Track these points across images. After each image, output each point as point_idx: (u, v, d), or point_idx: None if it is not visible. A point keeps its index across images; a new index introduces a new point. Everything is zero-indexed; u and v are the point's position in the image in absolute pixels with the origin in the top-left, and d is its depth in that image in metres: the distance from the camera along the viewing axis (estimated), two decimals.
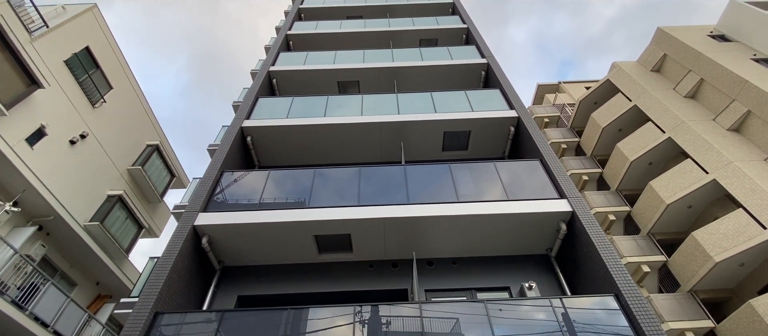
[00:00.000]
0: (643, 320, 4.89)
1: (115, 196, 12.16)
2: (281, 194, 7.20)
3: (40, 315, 9.22)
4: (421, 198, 6.75)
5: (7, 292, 8.58)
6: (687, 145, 15.74)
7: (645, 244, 15.52)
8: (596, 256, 5.70)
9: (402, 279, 6.90)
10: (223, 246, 6.71)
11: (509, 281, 6.65)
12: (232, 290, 6.76)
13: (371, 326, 5.27)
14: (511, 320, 5.39)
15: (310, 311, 5.46)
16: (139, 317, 5.07)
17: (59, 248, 10.86)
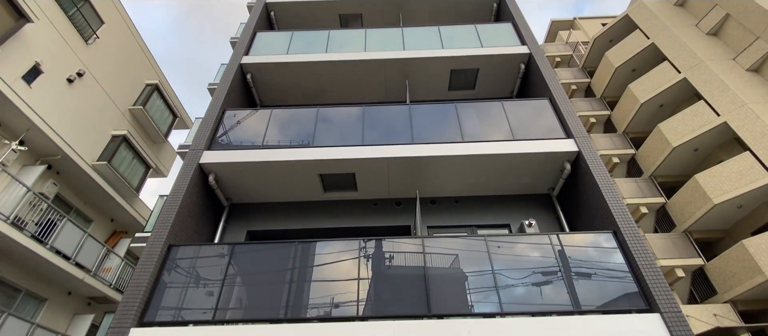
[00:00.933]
0: (639, 257, 5.05)
1: (119, 136, 12.18)
2: (285, 133, 7.14)
3: (61, 248, 9.72)
4: (425, 138, 6.68)
5: (25, 227, 8.95)
6: (702, 86, 15.21)
7: (646, 186, 15.66)
8: (598, 195, 5.74)
9: (405, 217, 7.08)
10: (230, 184, 6.81)
11: (509, 219, 6.80)
12: (242, 226, 7.00)
13: (375, 260, 5.50)
14: (510, 256, 5.58)
15: (317, 245, 5.67)
16: (154, 250, 5.29)
17: (71, 187, 11.13)
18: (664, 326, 4.54)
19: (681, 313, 4.64)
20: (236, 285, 5.47)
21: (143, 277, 5.01)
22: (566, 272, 5.16)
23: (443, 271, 5.47)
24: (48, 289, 10.20)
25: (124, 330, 4.61)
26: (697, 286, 13.87)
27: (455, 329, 4.58)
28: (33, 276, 9.75)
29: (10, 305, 9.19)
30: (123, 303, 4.82)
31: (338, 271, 5.51)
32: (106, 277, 11.26)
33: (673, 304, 4.69)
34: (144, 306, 4.92)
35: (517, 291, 5.15)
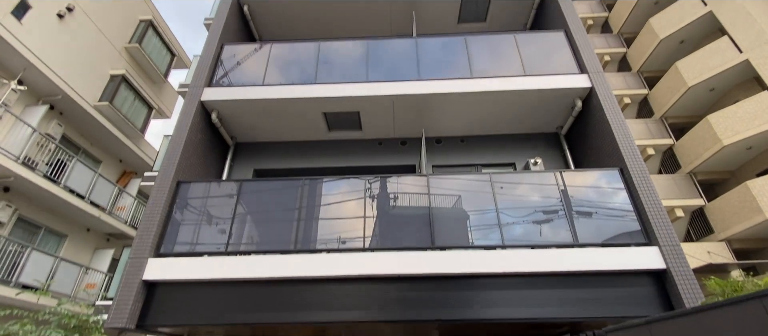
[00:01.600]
0: (644, 194, 5.07)
1: (117, 75, 11.91)
2: (286, 69, 6.90)
3: (74, 187, 9.98)
4: (432, 73, 6.43)
5: (37, 168, 9.11)
6: (727, 20, 14.27)
7: (655, 127, 15.39)
8: (608, 132, 5.63)
9: (410, 156, 7.06)
10: (234, 123, 6.75)
11: (515, 158, 6.77)
12: (248, 164, 7.06)
13: (381, 198, 5.59)
14: (513, 196, 5.61)
15: (324, 184, 5.74)
16: (163, 186, 5.38)
17: (76, 128, 11.15)
18: (662, 258, 4.67)
19: (679, 246, 4.75)
20: (247, 223, 5.64)
21: (155, 212, 5.15)
22: (568, 209, 5.22)
23: (447, 211, 5.57)
24: (67, 226, 10.66)
25: (142, 260, 4.85)
26: (695, 226, 14.19)
27: (457, 259, 4.77)
28: (51, 214, 10.14)
29: (32, 241, 9.67)
30: (139, 235, 5.02)
31: (345, 209, 5.62)
32: (121, 215, 11.69)
33: (673, 237, 4.79)
34: (159, 239, 5.12)
35: (518, 228, 5.27)
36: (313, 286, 4.77)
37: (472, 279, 4.74)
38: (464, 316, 4.54)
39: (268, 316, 4.62)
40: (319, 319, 4.60)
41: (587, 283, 4.67)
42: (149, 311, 4.72)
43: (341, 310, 4.64)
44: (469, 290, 4.69)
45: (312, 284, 4.78)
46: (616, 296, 4.54)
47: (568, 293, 4.62)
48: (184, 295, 4.80)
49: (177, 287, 4.85)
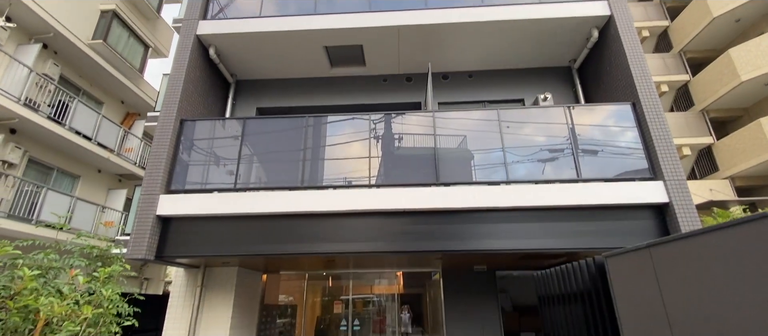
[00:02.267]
0: (655, 129, 4.96)
1: (108, 10, 11.34)
2: (284, 1, 6.49)
3: (80, 129, 10.01)
4: (440, 1, 6.02)
5: (39, 109, 9.06)
6: None
7: (672, 62, 14.71)
8: (624, 65, 5.38)
9: (416, 93, 6.88)
10: (233, 59, 6.52)
11: (524, 93, 6.58)
12: (250, 103, 6.94)
13: (386, 137, 5.54)
14: (520, 135, 5.52)
15: (328, 126, 5.67)
16: (166, 125, 5.36)
17: (73, 68, 10.88)
18: (665, 192, 4.70)
19: (684, 181, 4.76)
20: (254, 163, 5.71)
21: (161, 150, 5.19)
22: (574, 145, 5.16)
23: (452, 151, 5.54)
24: (79, 168, 10.88)
25: (154, 197, 4.98)
26: (700, 165, 14.15)
27: (461, 194, 4.84)
28: (61, 156, 10.30)
29: (46, 182, 9.93)
30: (148, 173, 5.10)
31: (350, 150, 5.62)
32: (129, 156, 11.85)
33: (679, 172, 4.78)
34: (168, 177, 5.21)
35: (523, 167, 5.27)
36: (321, 220, 4.93)
37: (475, 213, 4.85)
38: (466, 247, 4.71)
39: (278, 248, 4.83)
40: (328, 250, 4.80)
41: (588, 216, 4.76)
42: (166, 244, 4.95)
43: (349, 242, 4.83)
44: (471, 224, 4.82)
45: (320, 218, 4.93)
46: (615, 229, 4.65)
47: (569, 226, 4.73)
48: (198, 229, 4.99)
49: (190, 222, 5.03)
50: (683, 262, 1.69)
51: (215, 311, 5.82)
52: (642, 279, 2.00)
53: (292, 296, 8.21)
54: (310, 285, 8.00)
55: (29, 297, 2.24)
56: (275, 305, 7.70)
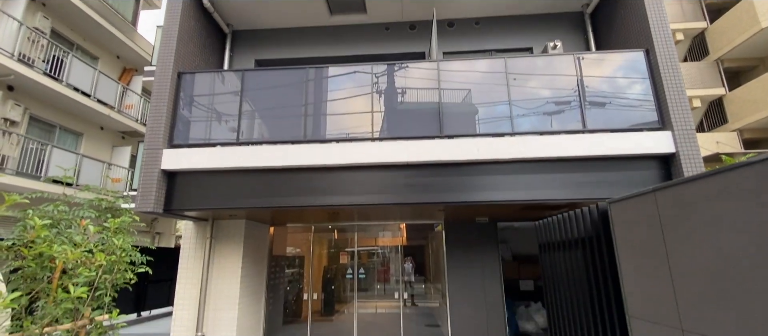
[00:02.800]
0: (668, 77, 4.79)
1: None
2: None
3: (78, 85, 9.85)
4: None
5: (34, 65, 8.86)
6: None
7: (690, 8, 13.96)
8: (640, 8, 5.09)
9: (420, 42, 6.62)
10: (227, 6, 6.22)
11: (533, 42, 6.31)
12: (248, 54, 6.73)
13: (388, 92, 5.41)
14: (528, 86, 5.35)
15: (328, 70, 5.51)
16: (164, 78, 5.23)
17: (64, 22, 10.50)
18: (672, 142, 4.64)
19: (693, 131, 4.67)
20: (256, 120, 5.65)
21: (161, 104, 5.11)
22: (582, 94, 5.02)
23: (456, 106, 5.42)
24: (81, 125, 10.85)
25: (157, 151, 4.98)
26: (709, 117, 13.89)
27: (465, 146, 4.80)
28: (62, 113, 10.23)
29: (50, 139, 9.96)
30: (149, 127, 5.07)
31: (352, 104, 5.51)
32: (130, 113, 11.77)
33: (688, 122, 4.68)
34: (170, 131, 5.19)
35: (529, 120, 5.17)
36: (325, 174, 4.95)
37: (478, 165, 4.84)
38: (469, 198, 4.75)
39: (283, 200, 4.90)
40: (332, 202, 4.87)
41: (592, 167, 4.74)
42: (173, 197, 5.03)
43: (352, 195, 4.88)
44: (475, 176, 4.83)
45: (324, 172, 4.95)
46: (619, 179, 4.64)
47: (572, 177, 4.73)
48: (204, 182, 5.04)
49: (196, 176, 5.08)
50: (689, 206, 1.67)
51: (226, 261, 6.05)
52: (644, 224, 2.00)
53: (299, 248, 8.49)
54: (317, 237, 8.23)
55: (43, 245, 2.30)
56: (283, 256, 7.99)
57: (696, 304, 1.66)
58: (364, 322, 7.25)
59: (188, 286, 5.92)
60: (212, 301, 5.90)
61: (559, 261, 3.05)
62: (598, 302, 2.43)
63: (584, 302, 2.63)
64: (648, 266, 1.97)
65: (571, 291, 2.83)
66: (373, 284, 8.56)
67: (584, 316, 2.63)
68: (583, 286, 2.63)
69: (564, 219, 2.89)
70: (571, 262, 2.83)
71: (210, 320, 5.83)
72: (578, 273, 2.72)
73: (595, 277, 2.47)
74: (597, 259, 2.46)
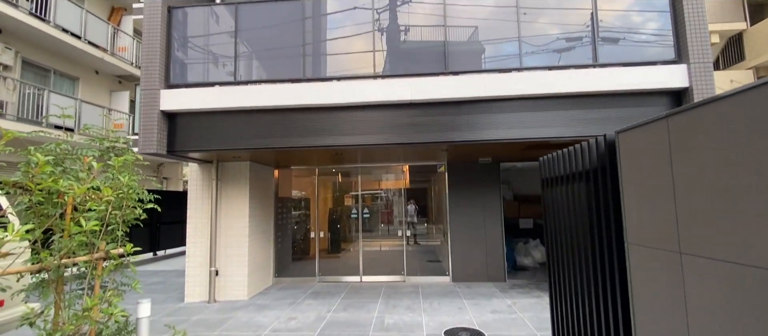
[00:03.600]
0: (690, 7, 4.48)
1: None
2: None
3: (67, 26, 9.44)
4: None
5: (18, 4, 8.41)
6: None
7: None
8: None
9: None
10: None
11: None
12: None
13: (390, 27, 5.13)
14: (539, 22, 5.04)
15: (326, 8, 5.20)
16: (154, 14, 4.97)
17: None
18: (687, 76, 4.46)
19: (709, 64, 4.47)
20: (254, 62, 5.45)
21: (154, 41, 4.91)
22: (594, 25, 4.75)
23: (462, 44, 5.17)
24: (75, 69, 10.57)
25: (155, 92, 4.88)
26: (727, 54, 13.27)
27: (471, 83, 4.65)
28: (55, 57, 9.92)
29: (46, 84, 9.76)
30: (144, 66, 4.92)
31: (352, 44, 5.27)
32: (124, 56, 11.40)
33: (706, 54, 4.46)
34: (165, 70, 5.04)
35: (538, 57, 4.95)
36: (326, 114, 4.87)
37: (484, 103, 4.72)
38: (474, 137, 4.70)
39: (285, 141, 4.88)
40: (334, 143, 4.84)
41: (601, 103, 4.61)
42: (175, 139, 5.02)
43: (355, 135, 4.83)
44: (479, 114, 4.73)
45: (326, 112, 4.87)
46: (628, 116, 4.54)
47: (580, 114, 4.62)
48: (205, 124, 4.99)
49: (196, 117, 5.01)
50: (702, 130, 1.62)
51: (233, 202, 6.19)
52: (653, 152, 1.96)
53: (304, 191, 8.65)
54: (321, 180, 8.35)
55: (48, 180, 2.32)
56: (289, 198, 8.16)
57: (697, 228, 1.67)
58: (369, 258, 7.59)
59: (198, 226, 6.12)
60: (223, 239, 6.13)
61: (562, 195, 3.07)
62: (598, 232, 2.47)
63: (584, 233, 2.68)
64: (652, 194, 1.97)
65: (571, 223, 2.87)
66: (377, 225, 8.84)
67: (583, 245, 2.70)
68: (584, 218, 2.67)
69: (569, 152, 2.85)
70: (574, 195, 2.84)
71: (222, 257, 6.10)
72: (580, 206, 2.74)
73: (597, 209, 2.49)
74: (600, 191, 2.46)
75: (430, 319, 4.77)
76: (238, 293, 6.04)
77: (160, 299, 6.23)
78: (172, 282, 7.71)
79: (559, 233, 3.11)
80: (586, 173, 2.61)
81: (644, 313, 2.01)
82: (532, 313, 4.94)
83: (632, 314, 2.11)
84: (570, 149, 2.86)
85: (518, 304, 5.34)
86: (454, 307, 5.27)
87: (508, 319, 4.73)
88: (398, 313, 5.09)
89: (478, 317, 4.81)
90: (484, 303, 5.46)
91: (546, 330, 4.26)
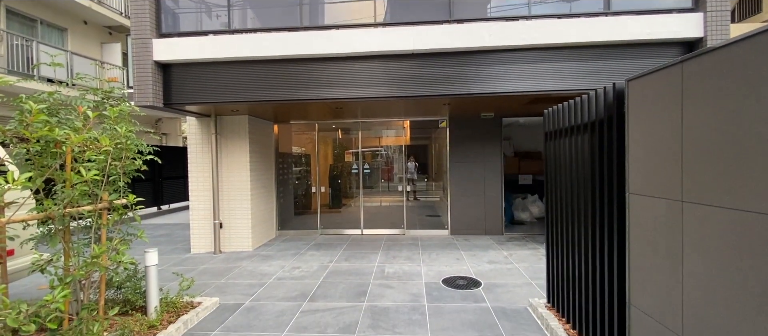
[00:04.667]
0: None
1: None
2: None
3: None
4: None
5: None
6: None
7: None
8: None
9: None
10: None
11: None
12: None
13: None
14: None
15: None
16: None
17: None
18: (702, 26, 4.27)
19: (727, 13, 4.26)
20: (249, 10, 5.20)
21: None
22: None
23: None
24: (62, 19, 10.13)
25: (147, 41, 4.69)
26: (743, 6, 12.66)
27: (476, 32, 4.46)
28: (40, 5, 9.47)
29: (34, 35, 9.39)
30: (133, 13, 4.70)
31: None
32: (112, 4, 10.88)
33: (724, 1, 4.23)
34: (156, 19, 4.81)
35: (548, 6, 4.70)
36: (326, 65, 4.71)
37: (489, 54, 4.55)
38: (478, 90, 4.59)
39: (283, 94, 4.76)
40: (333, 95, 4.73)
41: (611, 55, 4.45)
42: (171, 90, 4.90)
43: (355, 87, 4.71)
44: (484, 65, 4.58)
45: (325, 63, 4.71)
46: (638, 68, 4.40)
47: (588, 66, 4.48)
48: (201, 75, 4.85)
49: (191, 68, 4.86)
50: (717, 75, 1.56)
51: (233, 156, 6.18)
52: (663, 101, 1.90)
53: (305, 148, 8.63)
54: (322, 137, 8.29)
55: (43, 129, 2.28)
56: (290, 154, 8.15)
57: (702, 177, 1.66)
58: (370, 213, 7.72)
59: (200, 180, 6.16)
60: (225, 193, 6.20)
61: (565, 148, 3.03)
62: (599, 183, 2.47)
63: (585, 185, 2.69)
64: (658, 144, 1.94)
65: (572, 175, 2.86)
66: (378, 181, 8.91)
67: (583, 197, 2.71)
68: (586, 170, 2.66)
69: (576, 103, 2.78)
70: (577, 147, 2.81)
71: (225, 210, 6.20)
72: (583, 157, 2.72)
73: (600, 160, 2.47)
74: (604, 142, 2.43)
75: (428, 269, 4.94)
76: (242, 245, 6.20)
77: (167, 250, 6.41)
78: (177, 234, 7.90)
79: (559, 185, 3.12)
80: (591, 124, 2.56)
81: (640, 259, 2.06)
82: (527, 263, 5.11)
83: (628, 262, 2.16)
84: (577, 100, 2.79)
85: (514, 256, 5.50)
86: (451, 258, 5.43)
87: (504, 268, 4.90)
88: (398, 263, 5.25)
89: (475, 267, 4.98)
90: (481, 254, 5.62)
91: (540, 279, 4.42)
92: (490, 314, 3.50)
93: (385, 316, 3.50)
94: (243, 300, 3.97)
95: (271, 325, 3.35)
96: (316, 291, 4.20)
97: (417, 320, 3.39)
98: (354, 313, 3.56)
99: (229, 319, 3.51)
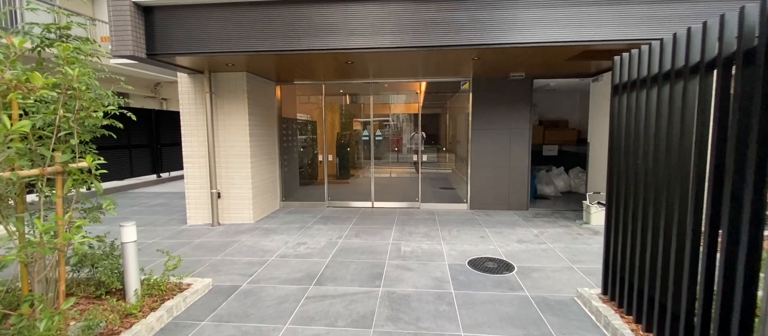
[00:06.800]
0: None
1: None
2: None
3: None
4: None
5: None
6: None
7: None
8: None
9: None
10: None
11: None
12: None
13: None
14: None
15: None
16: None
17: None
18: None
19: None
20: None
21: None
22: None
23: None
24: None
25: None
26: None
27: None
28: None
29: None
30: None
31: None
32: None
33: None
34: None
35: None
36: (329, 6, 3.95)
37: None
38: (508, 39, 3.82)
39: (286, 44, 4.05)
40: (342, 45, 4.00)
41: None
42: (155, 39, 4.20)
43: (366, 36, 3.97)
44: (517, 9, 3.79)
45: (329, 4, 3.95)
46: (711, 13, 3.57)
47: (658, 9, 3.67)
48: (190, 21, 4.13)
49: (178, 12, 4.13)
50: None
51: (231, 119, 5.54)
52: None
53: (310, 114, 7.94)
54: (329, 102, 7.58)
55: None
56: (294, 119, 7.48)
57: None
58: (380, 184, 7.13)
59: (194, 144, 5.56)
60: (223, 160, 5.61)
61: (648, 103, 2.33)
62: (718, 152, 1.78)
63: (686, 148, 2.00)
64: None
65: (667, 137, 2.15)
66: (389, 151, 8.27)
67: (684, 165, 2.03)
68: (688, 132, 1.96)
69: (679, 36, 2.05)
70: (675, 99, 2.09)
71: (223, 178, 5.64)
72: (685, 114, 2.01)
73: (722, 117, 1.78)
74: (729, 89, 1.72)
75: (450, 248, 4.36)
76: (243, 216, 5.68)
77: (163, 221, 5.92)
78: (175, 204, 7.42)
79: (637, 151, 2.44)
80: (709, 64, 1.85)
81: None
82: (563, 243, 4.50)
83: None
84: (682, 32, 2.05)
85: (545, 234, 4.90)
86: (475, 236, 4.85)
87: (537, 249, 4.30)
88: (415, 240, 4.69)
89: (504, 247, 4.39)
90: (508, 232, 5.03)
91: (581, 263, 3.83)
92: (531, 306, 2.93)
93: (405, 305, 2.94)
94: (240, 282, 3.45)
95: (271, 313, 2.82)
96: (324, 272, 3.66)
97: (444, 312, 2.82)
98: (369, 301, 3.01)
99: (222, 305, 2.98)
